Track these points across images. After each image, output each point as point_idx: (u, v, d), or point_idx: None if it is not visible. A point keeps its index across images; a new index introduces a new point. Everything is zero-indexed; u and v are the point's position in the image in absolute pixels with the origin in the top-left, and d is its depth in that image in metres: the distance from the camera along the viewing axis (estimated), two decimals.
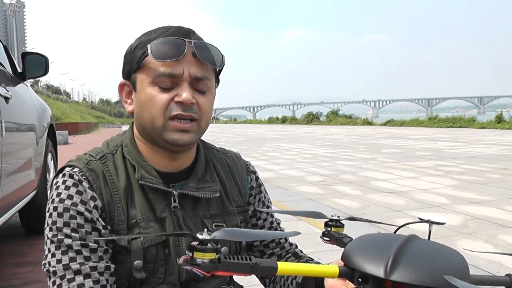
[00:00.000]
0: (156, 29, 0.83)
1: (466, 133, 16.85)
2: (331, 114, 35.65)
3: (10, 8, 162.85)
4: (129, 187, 0.82)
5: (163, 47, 0.77)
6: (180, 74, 0.78)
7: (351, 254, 0.59)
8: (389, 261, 0.53)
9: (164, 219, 0.82)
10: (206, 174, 0.89)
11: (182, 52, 0.77)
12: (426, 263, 0.54)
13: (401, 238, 0.57)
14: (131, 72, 0.82)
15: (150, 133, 0.82)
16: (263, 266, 0.57)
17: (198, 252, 0.57)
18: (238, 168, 0.96)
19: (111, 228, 0.79)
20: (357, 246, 0.60)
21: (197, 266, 0.56)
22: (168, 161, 0.85)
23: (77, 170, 0.80)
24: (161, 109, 0.78)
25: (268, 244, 0.97)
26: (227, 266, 0.57)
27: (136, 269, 0.79)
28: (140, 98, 0.81)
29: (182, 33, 0.80)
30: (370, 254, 0.57)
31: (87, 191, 0.78)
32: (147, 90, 0.79)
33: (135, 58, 0.81)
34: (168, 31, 0.80)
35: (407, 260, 0.54)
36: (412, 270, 0.52)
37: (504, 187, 5.17)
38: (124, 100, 0.86)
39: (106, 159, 0.84)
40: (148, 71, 0.79)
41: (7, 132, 2.38)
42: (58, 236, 0.76)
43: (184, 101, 0.78)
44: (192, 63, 0.79)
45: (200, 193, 0.85)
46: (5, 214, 2.37)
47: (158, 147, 0.84)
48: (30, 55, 3.16)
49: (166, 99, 0.78)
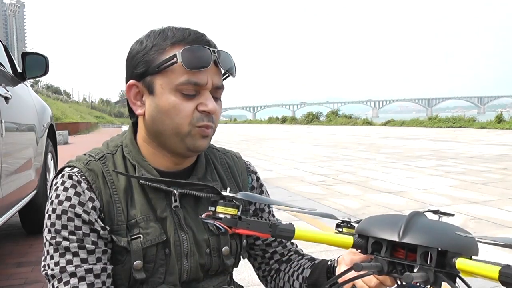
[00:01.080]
0: (170, 29, 0.81)
1: (466, 133, 16.85)
2: (331, 114, 35.64)
3: (10, 8, 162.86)
4: (129, 187, 0.82)
5: (193, 55, 0.77)
6: (205, 83, 0.79)
7: (365, 225, 0.62)
8: (402, 227, 0.56)
9: (165, 219, 0.82)
10: (206, 174, 0.89)
11: (210, 62, 0.77)
12: (436, 229, 0.57)
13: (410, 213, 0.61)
14: (146, 74, 0.80)
15: (168, 137, 0.81)
16: (282, 228, 0.60)
17: (221, 206, 0.60)
18: (239, 168, 0.96)
19: (111, 229, 0.79)
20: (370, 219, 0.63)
21: (219, 220, 0.60)
22: (172, 163, 0.86)
23: (76, 170, 0.80)
24: (186, 118, 0.79)
25: (270, 243, 0.98)
26: (247, 223, 0.60)
27: (136, 270, 0.79)
28: (160, 104, 0.80)
29: (202, 40, 0.80)
30: (383, 224, 0.60)
31: (86, 192, 0.78)
32: (169, 96, 0.78)
33: (154, 61, 0.79)
34: (189, 36, 0.79)
35: (417, 227, 0.57)
36: (423, 234, 0.55)
37: (504, 187, 5.17)
38: (132, 102, 0.84)
39: (105, 159, 0.84)
40: (171, 77, 0.78)
41: (7, 132, 2.38)
42: (56, 239, 0.76)
43: (211, 111, 0.80)
44: (214, 72, 0.80)
45: (200, 192, 0.85)
46: (5, 214, 2.38)
47: (166, 150, 0.84)
48: (30, 55, 3.16)
49: (191, 108, 0.79)
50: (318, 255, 0.97)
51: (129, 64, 0.83)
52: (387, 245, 0.58)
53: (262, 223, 0.60)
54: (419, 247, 0.55)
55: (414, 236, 0.55)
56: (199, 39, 0.79)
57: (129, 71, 0.83)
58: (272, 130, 25.30)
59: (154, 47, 0.79)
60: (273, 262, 0.98)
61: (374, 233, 0.59)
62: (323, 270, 0.87)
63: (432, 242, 0.54)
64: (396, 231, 0.57)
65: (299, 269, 0.93)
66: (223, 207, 0.60)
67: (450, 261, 0.54)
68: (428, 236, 0.55)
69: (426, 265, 0.54)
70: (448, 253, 0.54)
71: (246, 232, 0.60)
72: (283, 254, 0.98)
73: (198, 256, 0.84)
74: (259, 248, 0.98)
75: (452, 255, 0.54)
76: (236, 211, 0.60)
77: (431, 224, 0.58)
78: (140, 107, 0.83)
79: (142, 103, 0.83)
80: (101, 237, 0.78)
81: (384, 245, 0.58)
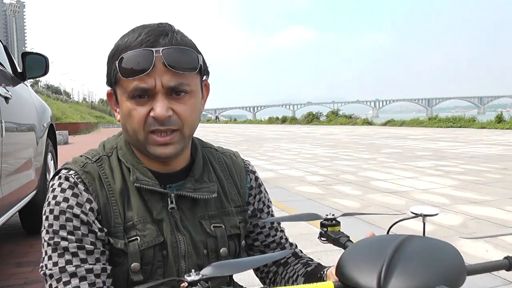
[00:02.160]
0: (131, 31, 0.80)
1: (466, 133, 16.84)
2: (331, 114, 35.61)
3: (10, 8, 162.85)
4: (125, 189, 0.81)
5: (130, 62, 0.75)
6: (152, 86, 0.75)
7: (344, 267, 0.57)
8: (382, 272, 0.51)
9: (162, 221, 0.82)
10: (203, 175, 0.88)
11: (150, 65, 0.74)
12: (420, 270, 0.52)
13: (394, 243, 0.56)
14: (112, 83, 0.81)
15: (136, 143, 0.82)
16: None
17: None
18: (237, 167, 0.95)
19: (108, 231, 0.79)
20: (350, 257, 0.58)
21: None
22: (162, 165, 0.85)
23: (73, 172, 0.80)
24: (140, 124, 0.78)
25: (268, 245, 0.97)
26: None
27: (133, 272, 0.79)
28: (122, 111, 0.81)
29: (152, 38, 0.76)
30: (363, 265, 0.54)
31: (83, 194, 0.78)
32: (126, 104, 0.79)
33: (112, 70, 0.79)
34: (138, 37, 0.76)
35: (401, 269, 0.52)
36: (406, 281, 0.50)
37: (504, 187, 5.17)
38: (113, 109, 0.86)
39: (102, 161, 0.84)
40: (122, 87, 0.78)
41: (7, 132, 2.38)
42: (54, 239, 0.76)
43: (157, 117, 0.76)
44: (163, 72, 0.75)
45: (197, 194, 0.84)
46: (5, 214, 2.38)
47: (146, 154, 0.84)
48: (30, 55, 3.16)
49: (143, 114, 0.77)
50: (318, 255, 0.97)
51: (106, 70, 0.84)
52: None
53: None
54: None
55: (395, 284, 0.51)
56: (145, 41, 0.75)
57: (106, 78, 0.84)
58: (272, 130, 25.29)
59: (114, 55, 0.79)
60: (271, 264, 0.98)
61: (352, 280, 0.54)
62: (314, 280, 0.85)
63: None
64: (375, 277, 0.52)
65: (293, 275, 0.92)
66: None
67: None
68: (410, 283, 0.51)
69: None
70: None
71: None
72: None
73: (196, 257, 0.84)
74: (257, 249, 0.98)
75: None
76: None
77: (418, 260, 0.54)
78: (118, 114, 0.84)
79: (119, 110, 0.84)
80: (99, 238, 0.78)
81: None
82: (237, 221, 0.90)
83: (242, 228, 0.91)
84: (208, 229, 0.85)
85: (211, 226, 0.86)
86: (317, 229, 0.82)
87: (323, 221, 0.77)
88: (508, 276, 2.39)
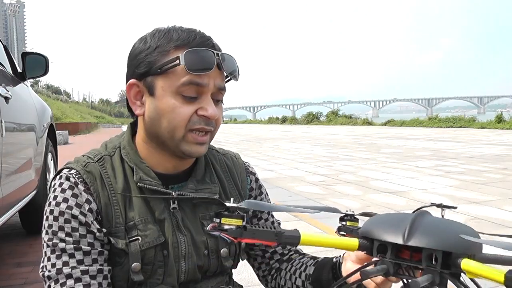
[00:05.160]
0: (175, 31, 0.80)
1: (466, 133, 16.85)
2: (331, 114, 35.63)
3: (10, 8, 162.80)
4: (127, 189, 0.81)
5: (197, 58, 0.76)
6: (207, 84, 0.78)
7: (370, 227, 0.62)
8: (406, 229, 0.57)
9: (163, 221, 0.82)
10: (205, 176, 0.89)
11: (213, 65, 0.77)
12: (441, 230, 0.57)
13: (414, 214, 0.61)
14: (147, 74, 0.79)
15: (165, 140, 0.81)
16: (287, 235, 0.60)
17: (226, 218, 0.60)
18: (238, 169, 0.96)
19: (109, 231, 0.79)
20: (375, 221, 0.63)
21: (224, 232, 0.59)
22: (170, 164, 0.85)
23: (74, 172, 0.80)
24: (184, 121, 0.78)
25: None
26: (252, 233, 0.60)
27: (134, 272, 0.79)
28: (160, 106, 0.79)
29: (208, 43, 0.79)
30: (388, 225, 0.60)
31: (83, 194, 0.78)
32: (169, 99, 0.78)
33: (156, 62, 0.78)
34: (194, 40, 0.78)
35: (422, 228, 0.57)
36: (428, 236, 0.55)
37: (504, 187, 5.17)
38: (132, 101, 0.83)
39: (104, 161, 0.83)
40: (173, 79, 0.77)
41: (7, 132, 2.38)
42: (53, 240, 0.76)
43: (211, 116, 0.79)
44: (217, 74, 0.79)
45: (199, 194, 0.85)
46: (5, 214, 2.38)
47: (165, 152, 0.83)
48: (30, 55, 3.16)
49: (190, 112, 0.78)
50: (317, 255, 0.97)
51: (131, 62, 0.82)
52: (392, 247, 0.58)
53: (267, 232, 0.60)
54: (424, 249, 0.55)
55: (418, 238, 0.56)
56: (204, 43, 0.78)
57: (131, 70, 0.82)
58: (272, 130, 25.29)
59: (158, 48, 0.78)
60: (274, 261, 0.98)
61: (378, 236, 0.59)
62: (327, 267, 0.87)
63: (436, 244, 0.55)
64: (400, 233, 0.57)
65: (301, 267, 0.93)
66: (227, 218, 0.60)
67: (455, 261, 0.54)
68: (433, 238, 0.55)
69: (432, 266, 0.55)
70: (452, 254, 0.55)
71: (251, 241, 0.61)
72: (283, 253, 0.99)
73: (196, 258, 0.84)
74: (258, 249, 0.98)
75: (456, 256, 0.54)
76: (241, 221, 0.60)
77: (436, 224, 0.59)
78: (139, 107, 0.82)
79: (142, 103, 0.82)
80: (97, 239, 0.78)
81: (389, 248, 0.58)
82: None
83: None
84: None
85: None
86: (317, 229, 0.83)
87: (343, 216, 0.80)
88: None
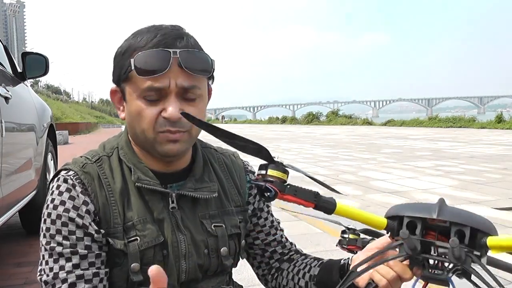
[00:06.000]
0: (145, 31, 0.80)
1: (466, 133, 16.84)
2: (331, 114, 35.61)
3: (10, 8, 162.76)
4: (125, 189, 0.82)
5: (147, 61, 0.75)
6: (166, 86, 0.76)
7: (398, 208, 0.64)
8: (436, 208, 0.60)
9: (162, 221, 0.82)
10: (204, 174, 0.89)
11: (167, 66, 0.74)
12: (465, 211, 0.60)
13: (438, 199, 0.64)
14: (120, 80, 0.81)
15: (142, 143, 0.82)
16: (325, 200, 0.64)
17: (272, 170, 0.62)
18: (236, 167, 0.96)
19: (107, 231, 0.79)
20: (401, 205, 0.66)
21: (270, 183, 0.61)
22: (164, 164, 0.85)
23: (72, 173, 0.80)
24: (150, 123, 0.78)
25: (269, 243, 0.98)
26: (294, 190, 0.62)
27: (133, 272, 0.79)
28: (130, 110, 0.80)
29: (170, 40, 0.77)
30: (416, 206, 0.63)
31: (80, 196, 0.78)
32: (136, 102, 0.78)
33: (123, 67, 0.79)
34: (154, 38, 0.77)
35: (449, 209, 0.60)
36: (457, 214, 0.59)
37: (504, 187, 5.17)
38: (117, 107, 0.85)
39: (102, 161, 0.84)
40: (134, 85, 0.78)
41: (7, 132, 2.38)
42: (51, 244, 0.77)
43: (170, 118, 0.77)
44: (178, 73, 0.76)
45: (198, 193, 0.85)
46: (5, 214, 2.38)
47: (150, 153, 0.84)
48: (30, 55, 3.16)
49: (154, 114, 0.77)
50: (317, 256, 0.97)
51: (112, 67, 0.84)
52: (422, 224, 0.60)
53: (308, 192, 0.62)
54: (452, 225, 0.58)
55: (448, 214, 0.58)
56: (161, 42, 0.76)
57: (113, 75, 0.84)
58: (272, 130, 25.29)
59: (124, 53, 0.79)
60: (274, 261, 0.98)
61: (409, 212, 0.61)
62: (335, 268, 0.86)
63: (466, 221, 0.57)
64: (431, 210, 0.59)
65: (305, 268, 0.93)
66: (274, 170, 0.61)
67: (480, 241, 0.57)
68: (462, 215, 0.58)
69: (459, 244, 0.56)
70: (478, 233, 0.57)
71: (292, 199, 0.62)
72: (283, 253, 0.98)
73: (196, 257, 0.84)
74: (258, 247, 0.98)
75: (482, 235, 0.57)
76: (286, 176, 0.62)
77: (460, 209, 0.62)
78: (122, 112, 0.85)
79: (123, 107, 0.84)
80: (95, 240, 0.78)
81: (418, 224, 0.60)
82: (238, 221, 0.91)
83: (242, 228, 0.91)
84: (209, 228, 0.86)
85: (212, 225, 0.86)
86: (317, 230, 0.84)
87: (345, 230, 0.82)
88: (509, 276, 2.38)
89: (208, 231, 0.85)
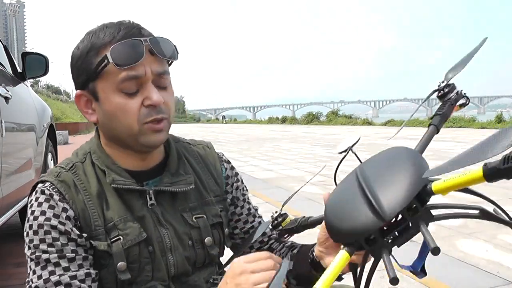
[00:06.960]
0: (103, 29, 0.80)
1: (466, 133, 16.85)
2: (331, 114, 35.60)
3: (10, 8, 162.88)
4: (102, 191, 0.82)
5: (123, 52, 0.75)
6: (143, 74, 0.77)
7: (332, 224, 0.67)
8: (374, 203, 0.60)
9: (143, 218, 0.82)
10: (179, 168, 0.89)
11: (143, 53, 0.76)
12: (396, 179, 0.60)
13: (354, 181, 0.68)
14: (88, 81, 0.80)
15: (124, 139, 0.81)
16: None
17: None
18: (211, 158, 0.96)
19: (89, 235, 0.79)
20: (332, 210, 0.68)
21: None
22: (139, 161, 0.85)
23: (48, 184, 0.81)
24: (134, 116, 0.78)
25: (248, 231, 0.99)
26: None
27: (120, 271, 0.79)
28: (107, 109, 0.79)
29: (135, 30, 0.78)
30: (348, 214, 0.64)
31: (59, 204, 0.79)
32: (113, 99, 0.78)
33: (91, 66, 0.78)
34: (120, 31, 0.77)
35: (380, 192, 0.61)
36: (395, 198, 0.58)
37: (504, 187, 5.17)
38: (84, 111, 0.84)
39: (76, 168, 0.84)
40: (110, 79, 0.77)
41: (7, 132, 2.39)
42: (36, 253, 0.76)
43: (155, 103, 0.77)
44: (151, 60, 0.78)
45: (175, 187, 0.85)
46: (5, 214, 2.38)
47: (130, 150, 0.84)
48: (30, 55, 3.16)
49: (137, 105, 0.78)
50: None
51: (72, 73, 0.83)
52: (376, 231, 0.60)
53: None
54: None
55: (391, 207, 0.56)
56: (129, 33, 0.77)
57: (74, 81, 0.83)
58: (272, 130, 25.30)
59: (90, 52, 0.78)
60: (254, 250, 0.98)
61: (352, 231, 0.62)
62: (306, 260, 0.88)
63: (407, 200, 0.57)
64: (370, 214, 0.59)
65: None
66: None
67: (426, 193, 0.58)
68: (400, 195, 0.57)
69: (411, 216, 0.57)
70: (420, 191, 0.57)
71: None
72: (262, 241, 0.99)
73: (182, 250, 0.84)
74: (238, 237, 0.99)
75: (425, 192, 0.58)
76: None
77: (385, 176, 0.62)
78: (91, 114, 0.83)
79: (93, 110, 0.83)
80: (79, 244, 0.78)
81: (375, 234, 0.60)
82: (218, 210, 0.91)
83: (223, 216, 0.92)
84: (190, 220, 0.87)
85: (193, 217, 0.87)
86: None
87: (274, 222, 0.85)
88: (509, 276, 2.39)
89: (190, 224, 0.86)
